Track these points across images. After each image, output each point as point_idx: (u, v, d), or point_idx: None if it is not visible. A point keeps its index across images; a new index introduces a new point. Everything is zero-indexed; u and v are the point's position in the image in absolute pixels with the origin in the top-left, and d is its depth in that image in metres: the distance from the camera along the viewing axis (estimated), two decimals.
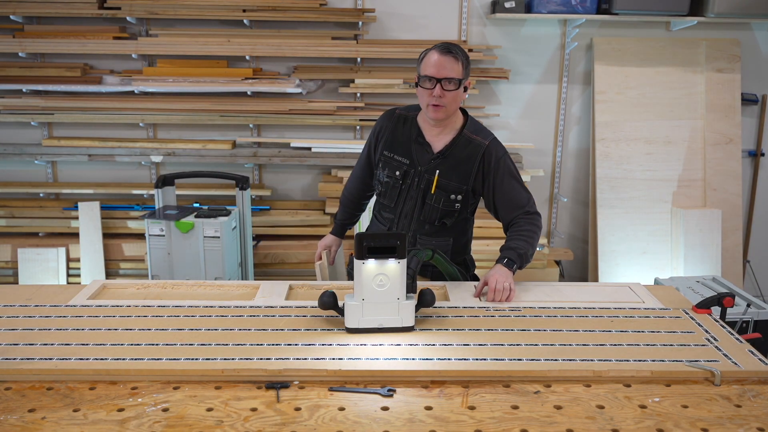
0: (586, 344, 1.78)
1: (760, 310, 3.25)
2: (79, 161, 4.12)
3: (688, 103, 4.17)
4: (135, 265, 4.13)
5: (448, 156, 2.27)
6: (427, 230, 2.33)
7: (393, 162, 2.32)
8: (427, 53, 2.20)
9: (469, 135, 2.28)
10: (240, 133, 4.21)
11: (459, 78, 2.16)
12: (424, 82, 2.18)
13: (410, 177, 2.30)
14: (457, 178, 2.27)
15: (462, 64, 2.18)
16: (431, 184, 2.27)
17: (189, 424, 1.43)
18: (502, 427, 1.43)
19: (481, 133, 2.30)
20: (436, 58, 2.16)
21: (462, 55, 2.19)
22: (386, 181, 2.34)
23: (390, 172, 2.32)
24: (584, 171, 4.37)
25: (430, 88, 2.16)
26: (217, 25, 4.02)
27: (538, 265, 4.06)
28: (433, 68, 2.15)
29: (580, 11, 3.89)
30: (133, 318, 1.92)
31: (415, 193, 2.31)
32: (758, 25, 4.18)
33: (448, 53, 2.15)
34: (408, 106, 2.41)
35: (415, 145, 2.30)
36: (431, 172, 2.27)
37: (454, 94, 2.18)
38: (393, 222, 2.37)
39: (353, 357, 1.69)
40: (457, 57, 2.16)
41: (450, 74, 2.15)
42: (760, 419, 1.47)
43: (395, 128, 2.35)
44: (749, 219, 4.46)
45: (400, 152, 2.32)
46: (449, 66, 2.15)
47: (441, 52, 2.16)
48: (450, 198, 2.27)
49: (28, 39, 3.88)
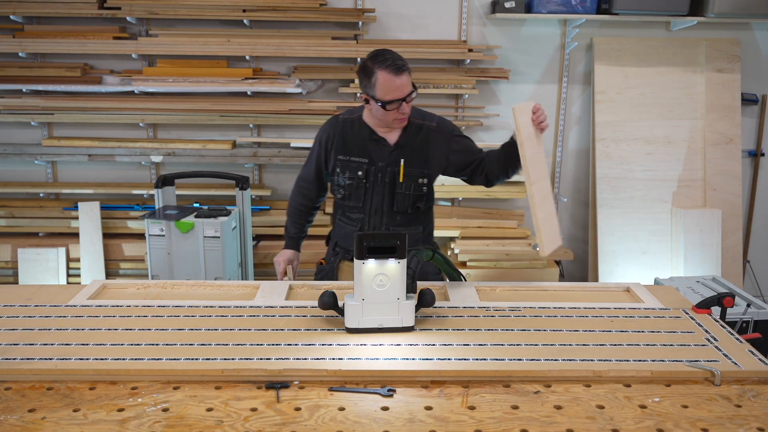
0: (586, 344, 1.78)
1: (760, 310, 3.25)
2: (79, 161, 4.12)
3: (688, 103, 4.17)
4: (135, 265, 4.13)
5: (405, 146, 2.39)
6: (399, 221, 2.44)
7: (351, 164, 2.41)
8: (375, 76, 2.24)
9: (418, 122, 2.41)
10: (240, 133, 4.21)
11: (413, 87, 2.29)
12: (390, 106, 2.26)
13: (372, 174, 2.40)
14: (419, 163, 2.41)
15: (409, 72, 2.28)
16: (396, 176, 2.39)
17: (189, 424, 1.43)
18: (502, 427, 1.43)
19: (427, 117, 2.45)
20: (393, 81, 2.22)
21: (401, 59, 2.27)
22: (349, 184, 2.42)
23: (351, 173, 2.41)
24: (584, 171, 4.37)
25: (397, 109, 2.27)
26: (217, 25, 4.02)
27: (538, 265, 4.06)
28: (396, 92, 2.24)
29: (580, 11, 3.89)
30: (133, 318, 1.92)
31: (381, 188, 2.41)
32: (758, 25, 4.18)
33: (401, 72, 2.23)
34: (348, 110, 2.52)
35: (371, 143, 2.40)
36: (394, 164, 2.39)
37: (412, 102, 2.31)
38: (364, 221, 2.45)
39: (353, 357, 1.69)
40: (406, 68, 2.26)
41: (409, 89, 2.27)
42: (760, 419, 1.47)
43: (344, 133, 2.44)
44: (749, 219, 4.46)
45: (356, 153, 2.41)
46: (406, 82, 2.26)
47: (395, 73, 2.22)
48: (418, 182, 2.41)
49: (28, 39, 3.88)
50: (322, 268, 2.59)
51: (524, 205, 4.37)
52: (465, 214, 4.24)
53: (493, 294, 2.20)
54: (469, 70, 4.07)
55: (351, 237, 2.42)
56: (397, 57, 2.26)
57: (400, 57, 2.27)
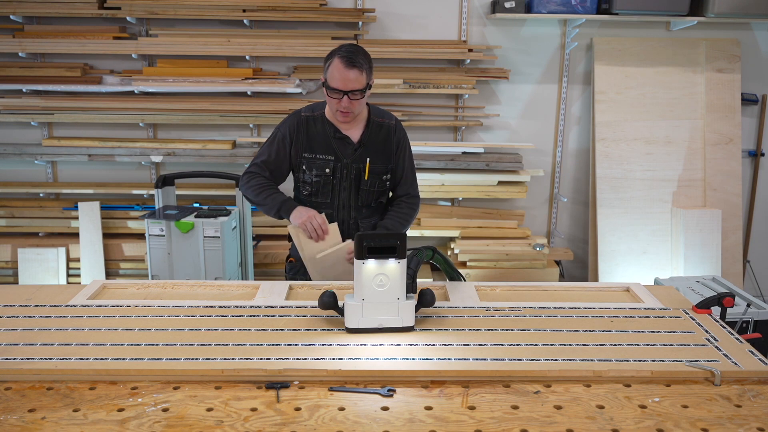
0: (586, 344, 1.78)
1: (760, 310, 3.25)
2: (79, 161, 4.13)
3: (688, 103, 4.17)
4: (135, 265, 4.14)
5: (368, 144, 2.44)
6: (365, 213, 2.50)
7: (318, 161, 2.43)
8: (332, 60, 2.27)
9: (378, 120, 2.46)
10: (240, 133, 4.21)
11: (363, 87, 2.28)
12: (331, 92, 2.28)
13: (339, 170, 2.44)
14: (381, 160, 2.46)
15: (366, 72, 2.28)
16: (361, 172, 2.44)
17: (189, 424, 1.43)
18: (502, 427, 1.43)
19: (386, 115, 2.50)
20: (341, 72, 2.24)
21: (365, 61, 2.28)
22: (316, 181, 2.44)
23: (318, 171, 2.44)
24: (584, 171, 4.37)
25: (337, 99, 2.28)
26: (217, 25, 4.03)
27: (538, 265, 4.06)
28: (340, 81, 2.25)
29: (580, 11, 3.89)
30: (133, 318, 1.92)
31: (348, 184, 2.45)
32: (758, 25, 4.18)
33: (352, 67, 2.23)
34: (308, 106, 2.51)
35: (335, 140, 2.43)
36: (359, 161, 2.43)
37: (359, 102, 2.31)
38: (333, 216, 2.49)
39: (353, 357, 1.69)
40: (362, 68, 2.26)
41: (355, 86, 2.27)
42: (760, 419, 1.47)
43: (307, 130, 2.45)
44: (749, 219, 4.46)
45: (321, 150, 2.43)
46: (354, 78, 2.25)
47: (346, 65, 2.23)
48: (382, 179, 2.47)
49: (28, 39, 3.89)
50: (293, 265, 2.56)
51: (524, 205, 4.37)
52: (465, 214, 4.24)
53: (493, 294, 2.20)
54: (469, 70, 4.07)
55: None
56: (358, 54, 2.25)
57: (363, 56, 2.26)
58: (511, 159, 4.09)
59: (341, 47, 2.29)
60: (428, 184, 4.06)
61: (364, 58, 2.28)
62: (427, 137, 4.22)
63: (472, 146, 4.07)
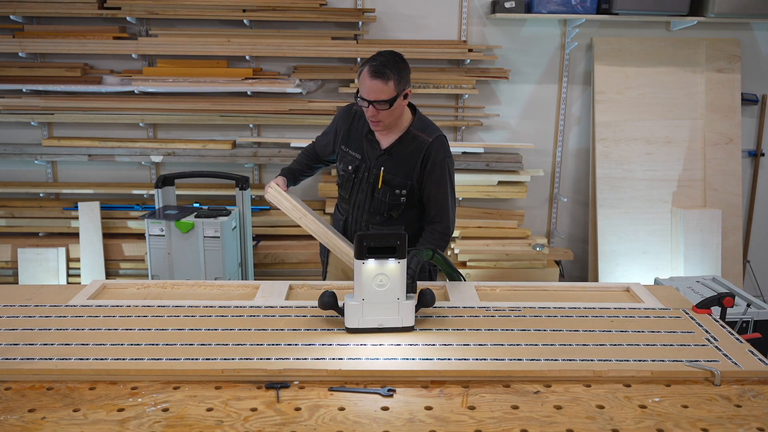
0: (586, 344, 1.78)
1: (760, 310, 3.25)
2: (79, 161, 4.12)
3: (688, 103, 4.17)
4: (135, 265, 4.13)
5: (394, 153, 2.37)
6: (378, 221, 2.46)
7: (348, 156, 2.44)
8: (363, 69, 2.24)
9: (415, 132, 2.38)
10: (240, 133, 4.21)
11: (390, 98, 2.22)
12: (360, 100, 2.26)
13: (361, 171, 2.42)
14: (402, 173, 2.37)
15: (394, 82, 2.21)
16: (377, 180, 2.39)
17: (189, 424, 1.43)
18: (502, 427, 1.43)
19: (427, 130, 2.39)
20: (366, 81, 2.21)
21: (394, 71, 2.21)
22: (342, 174, 2.47)
23: (344, 166, 2.45)
24: (584, 171, 4.37)
25: (365, 107, 2.26)
26: (217, 25, 4.02)
27: (538, 265, 4.06)
28: (366, 91, 2.23)
29: (580, 11, 3.89)
30: (133, 318, 1.92)
31: (366, 187, 2.43)
32: (758, 25, 4.18)
33: (378, 77, 2.19)
34: None
35: (366, 141, 2.41)
36: (378, 167, 2.38)
37: (388, 112, 2.26)
38: (349, 212, 2.50)
39: (353, 357, 1.69)
40: (387, 79, 2.20)
41: (380, 97, 2.22)
42: (760, 419, 1.47)
43: (351, 124, 2.45)
44: (749, 219, 4.46)
45: (354, 147, 2.44)
46: (379, 89, 2.20)
47: (372, 75, 2.20)
48: (395, 192, 2.38)
49: (28, 39, 3.89)
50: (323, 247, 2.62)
51: (524, 205, 4.37)
52: (465, 214, 4.24)
53: (493, 294, 2.20)
54: (469, 70, 4.07)
55: (338, 225, 2.54)
56: (388, 64, 2.21)
57: (394, 66, 2.21)
58: (511, 159, 4.09)
59: (377, 55, 2.24)
60: None
61: (395, 68, 2.21)
62: None
63: (472, 146, 4.07)
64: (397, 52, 2.29)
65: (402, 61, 2.27)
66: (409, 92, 2.31)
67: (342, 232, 2.50)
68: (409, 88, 2.31)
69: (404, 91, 2.27)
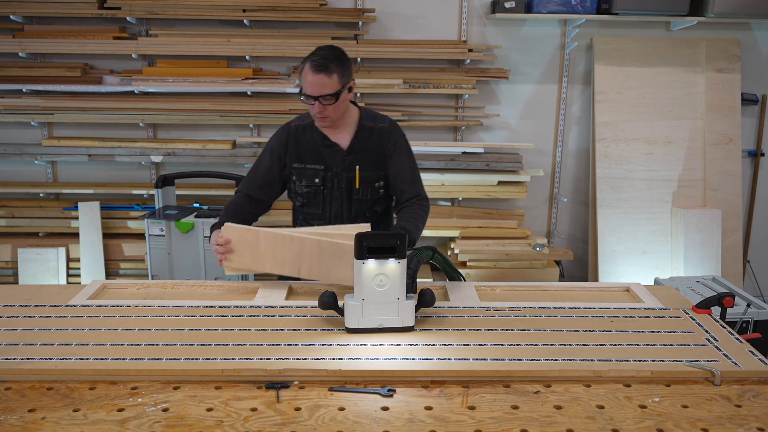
0: (586, 344, 1.78)
1: (760, 310, 3.25)
2: (79, 161, 4.12)
3: (688, 103, 4.17)
4: (135, 265, 4.14)
5: (358, 149, 2.35)
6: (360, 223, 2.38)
7: (307, 171, 2.37)
8: (304, 66, 2.22)
9: (370, 124, 2.37)
10: (240, 133, 4.21)
11: (335, 92, 2.21)
12: (304, 98, 2.23)
13: (329, 180, 2.36)
14: (374, 166, 2.37)
15: (338, 75, 2.20)
16: (352, 181, 2.35)
17: (189, 424, 1.43)
18: (502, 427, 1.43)
19: (378, 118, 2.41)
20: (310, 77, 2.19)
21: (336, 64, 2.20)
22: (306, 191, 2.38)
23: (308, 181, 2.37)
24: (584, 171, 4.37)
25: (310, 104, 2.23)
26: (217, 25, 4.03)
27: (538, 265, 4.06)
28: (309, 88, 2.20)
29: (580, 11, 3.89)
30: (133, 318, 1.92)
31: (339, 194, 2.37)
32: (758, 25, 4.18)
33: (321, 71, 2.18)
34: (299, 116, 2.45)
35: (324, 148, 2.35)
36: (349, 169, 2.35)
37: (335, 106, 2.24)
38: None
39: (353, 357, 1.69)
40: (330, 72, 2.19)
41: (325, 91, 2.20)
42: (760, 419, 1.47)
43: (297, 140, 2.39)
44: (749, 219, 4.46)
45: (311, 160, 2.37)
46: (323, 83, 2.19)
47: (315, 70, 2.18)
48: (375, 186, 2.38)
49: (28, 39, 3.89)
50: None
51: (524, 205, 4.37)
52: (465, 214, 4.24)
53: (493, 294, 2.20)
54: (469, 70, 4.07)
55: None
56: (329, 57, 2.19)
57: (335, 59, 2.20)
58: (511, 159, 4.09)
59: (316, 50, 2.23)
60: (428, 184, 4.02)
61: (337, 61, 2.21)
62: (427, 137, 4.22)
63: (472, 146, 4.07)
64: (338, 46, 2.28)
65: (343, 54, 2.26)
66: (353, 85, 2.31)
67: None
68: (353, 81, 2.30)
69: (348, 83, 2.27)
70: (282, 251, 2.11)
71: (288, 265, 2.12)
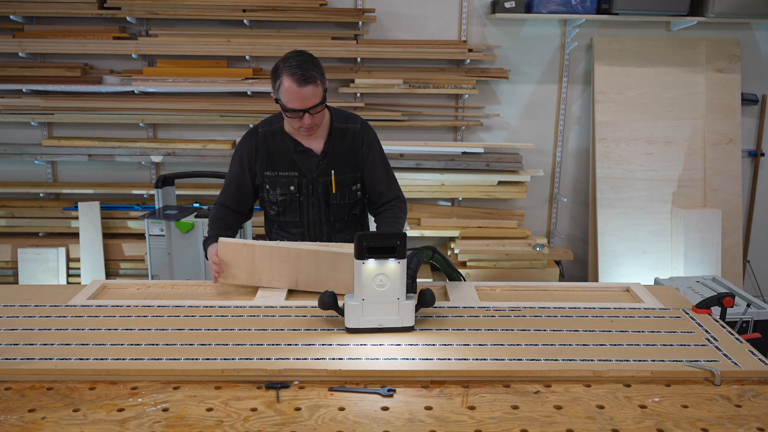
0: (586, 344, 1.78)
1: (760, 310, 3.25)
2: (79, 161, 4.12)
3: (688, 103, 4.17)
4: (135, 265, 4.14)
5: (332, 152, 2.30)
6: (339, 228, 2.38)
7: (281, 179, 2.31)
8: (281, 80, 2.10)
9: (341, 126, 2.32)
10: (240, 133, 4.21)
11: (323, 99, 2.16)
12: (290, 114, 2.14)
13: (304, 186, 2.31)
14: (349, 169, 2.33)
15: (320, 82, 2.13)
16: (329, 186, 2.30)
17: (189, 424, 1.43)
18: (502, 427, 1.43)
19: (350, 119, 2.35)
20: (296, 92, 2.09)
21: (317, 71, 2.12)
22: (282, 200, 2.32)
23: (282, 189, 2.31)
24: (584, 171, 4.37)
25: (297, 118, 2.14)
26: (217, 25, 4.03)
27: (538, 265, 4.06)
28: (298, 102, 2.11)
29: (580, 11, 3.89)
30: (133, 318, 1.92)
31: (316, 200, 2.33)
32: (758, 25, 4.18)
33: (307, 83, 2.08)
34: (265, 120, 2.37)
35: (297, 155, 2.30)
36: (324, 174, 2.30)
37: (322, 113, 2.19)
38: (304, 234, 2.38)
39: (353, 357, 1.69)
40: (316, 81, 2.10)
41: (313, 102, 2.12)
42: (760, 419, 1.47)
43: (267, 147, 2.31)
44: (749, 219, 4.46)
45: (284, 167, 2.30)
46: (312, 94, 2.11)
47: (299, 83, 2.07)
48: (352, 189, 2.34)
49: (28, 39, 3.89)
50: None
51: (524, 205, 4.37)
52: (465, 214, 4.24)
53: (493, 294, 2.20)
54: (469, 70, 4.07)
55: None
56: (307, 65, 2.10)
57: (313, 65, 2.11)
58: (511, 159, 4.09)
59: (287, 60, 2.12)
60: (428, 184, 4.06)
61: (315, 68, 2.12)
62: (427, 137, 4.22)
63: (472, 146, 4.07)
64: (306, 51, 2.19)
65: (314, 57, 2.17)
66: (327, 85, 2.22)
67: None
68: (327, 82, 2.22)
69: (326, 85, 2.20)
70: (278, 264, 2.12)
71: (285, 277, 2.13)
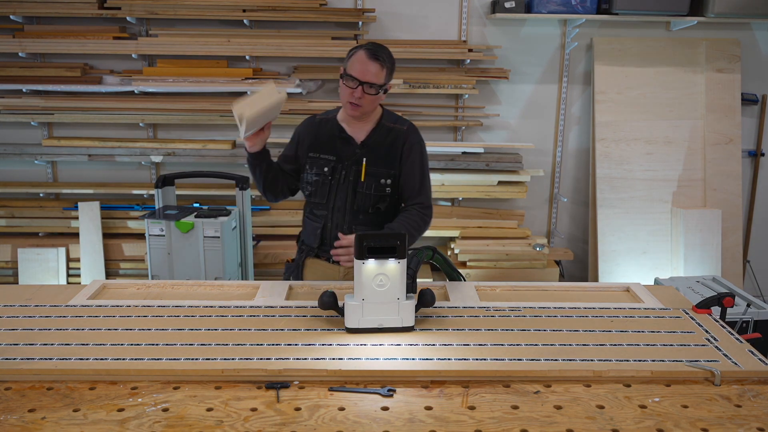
0: (586, 344, 1.78)
1: (760, 310, 3.25)
2: (79, 161, 4.12)
3: (688, 103, 4.17)
4: (135, 265, 4.13)
5: (371, 145, 2.37)
6: (362, 220, 2.39)
7: (320, 160, 2.40)
8: (356, 51, 2.26)
9: (389, 125, 2.40)
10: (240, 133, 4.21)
11: (381, 84, 2.25)
12: (347, 80, 2.25)
13: (338, 171, 2.38)
14: (384, 164, 2.37)
15: (386, 70, 2.26)
16: (359, 175, 2.36)
17: (189, 424, 1.43)
18: (502, 427, 1.43)
19: (399, 121, 2.43)
20: (364, 61, 2.22)
21: (388, 61, 2.27)
22: (315, 180, 2.40)
23: (318, 170, 2.40)
24: (584, 171, 4.37)
25: (352, 88, 2.24)
26: (217, 25, 4.02)
27: (538, 265, 4.06)
28: (358, 71, 2.22)
29: (580, 11, 3.89)
30: (133, 318, 1.92)
31: (345, 186, 2.38)
32: (758, 25, 4.18)
33: (376, 59, 2.23)
34: (327, 111, 2.51)
35: (339, 141, 2.39)
36: (358, 162, 2.36)
37: (374, 98, 2.28)
38: (327, 217, 2.42)
39: (353, 357, 1.69)
40: (383, 64, 2.24)
41: (373, 80, 2.23)
42: (760, 419, 1.47)
43: (317, 131, 2.44)
44: (749, 219, 4.46)
45: (325, 150, 2.40)
46: (374, 71, 2.23)
47: (369, 56, 2.23)
48: (380, 183, 2.36)
49: (28, 39, 3.88)
50: (289, 265, 2.56)
51: (524, 205, 4.37)
52: (465, 214, 4.24)
53: (493, 294, 2.20)
54: (469, 70, 4.07)
55: (315, 234, 2.42)
56: (383, 50, 2.26)
57: (387, 54, 2.27)
58: (511, 159, 4.09)
59: (371, 43, 2.29)
60: None
61: (389, 57, 2.27)
62: (427, 137, 4.15)
63: (472, 146, 4.07)
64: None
65: (393, 56, 2.31)
66: (390, 87, 2.34)
67: (320, 239, 2.42)
68: (390, 84, 2.34)
69: (389, 83, 2.31)
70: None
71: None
